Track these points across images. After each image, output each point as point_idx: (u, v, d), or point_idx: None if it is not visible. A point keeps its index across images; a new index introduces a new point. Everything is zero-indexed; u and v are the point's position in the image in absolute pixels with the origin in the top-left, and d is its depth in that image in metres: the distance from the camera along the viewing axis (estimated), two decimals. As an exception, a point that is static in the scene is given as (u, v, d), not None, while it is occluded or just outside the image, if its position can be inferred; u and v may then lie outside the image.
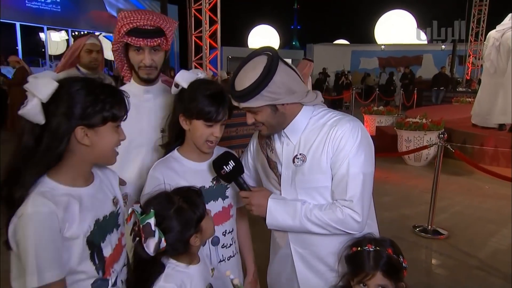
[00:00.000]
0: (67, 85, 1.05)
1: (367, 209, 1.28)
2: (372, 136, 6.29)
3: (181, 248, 1.18)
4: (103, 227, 1.13)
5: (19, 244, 0.99)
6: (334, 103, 15.11)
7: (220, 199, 1.45)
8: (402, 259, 1.21)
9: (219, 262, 1.44)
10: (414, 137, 6.29)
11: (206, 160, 1.45)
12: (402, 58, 20.15)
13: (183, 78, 1.38)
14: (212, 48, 10.89)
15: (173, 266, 1.21)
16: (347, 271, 1.25)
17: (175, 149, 1.45)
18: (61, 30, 18.32)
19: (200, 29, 10.25)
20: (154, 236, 1.10)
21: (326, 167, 1.28)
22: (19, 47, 16.47)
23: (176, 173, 1.39)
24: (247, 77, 1.24)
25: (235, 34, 25.03)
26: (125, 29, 1.49)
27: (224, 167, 1.33)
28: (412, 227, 3.97)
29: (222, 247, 1.45)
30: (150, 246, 1.10)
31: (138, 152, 1.60)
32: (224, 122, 1.38)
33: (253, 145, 1.53)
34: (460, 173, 5.66)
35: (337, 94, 15.17)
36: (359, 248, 1.21)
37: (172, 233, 1.14)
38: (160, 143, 1.55)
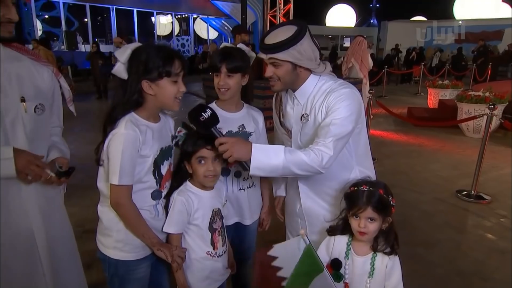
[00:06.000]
0: (136, 51, 1.26)
1: (337, 152, 1.32)
2: (434, 109, 6.02)
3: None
4: (164, 153, 1.35)
5: (109, 154, 1.22)
6: (404, 77, 14.11)
7: None
8: (391, 199, 1.27)
9: (239, 190, 1.62)
10: (475, 110, 5.73)
11: (235, 111, 1.61)
12: (481, 33, 17.67)
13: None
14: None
15: (187, 186, 1.42)
16: (345, 207, 1.33)
17: (214, 101, 1.63)
18: (167, 14, 19.43)
19: (275, 8, 10.22)
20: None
21: None
22: (135, 29, 17.91)
23: None
24: (279, 35, 1.34)
25: (312, 13, 24.08)
26: None
27: (203, 113, 1.29)
28: (455, 191, 3.78)
29: (243, 180, 1.62)
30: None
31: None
32: (226, 74, 1.49)
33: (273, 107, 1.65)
34: (519, 146, 5.10)
35: (406, 68, 14.08)
36: (356, 188, 1.29)
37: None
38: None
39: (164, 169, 1.37)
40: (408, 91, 11.67)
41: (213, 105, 1.61)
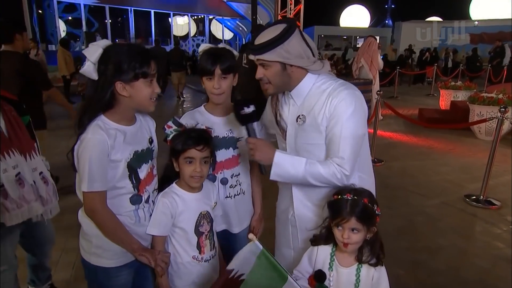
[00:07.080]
0: (108, 50, 1.17)
1: (354, 166, 1.28)
2: (445, 111, 5.78)
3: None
4: (140, 157, 1.27)
5: (79, 159, 1.17)
6: (416, 78, 13.74)
7: (231, 148, 1.50)
8: (376, 208, 1.18)
9: (226, 198, 1.53)
10: (487, 112, 5.49)
11: (224, 116, 1.52)
12: (498, 33, 17.01)
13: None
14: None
15: (172, 188, 1.36)
16: (328, 215, 1.25)
17: (202, 105, 1.55)
18: (184, 15, 19.53)
19: (286, 9, 10.11)
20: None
21: (322, 129, 1.29)
22: (153, 30, 18.07)
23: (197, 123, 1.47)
24: (266, 35, 1.27)
25: (325, 13, 23.83)
26: None
27: (245, 108, 1.28)
28: (464, 196, 3.62)
29: (230, 187, 1.52)
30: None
31: None
32: (221, 76, 1.42)
33: (267, 105, 1.56)
34: (532, 150, 4.85)
35: (420, 69, 13.70)
36: (339, 196, 1.20)
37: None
38: None
39: (142, 173, 1.29)
40: (420, 92, 11.35)
41: (201, 109, 1.54)
